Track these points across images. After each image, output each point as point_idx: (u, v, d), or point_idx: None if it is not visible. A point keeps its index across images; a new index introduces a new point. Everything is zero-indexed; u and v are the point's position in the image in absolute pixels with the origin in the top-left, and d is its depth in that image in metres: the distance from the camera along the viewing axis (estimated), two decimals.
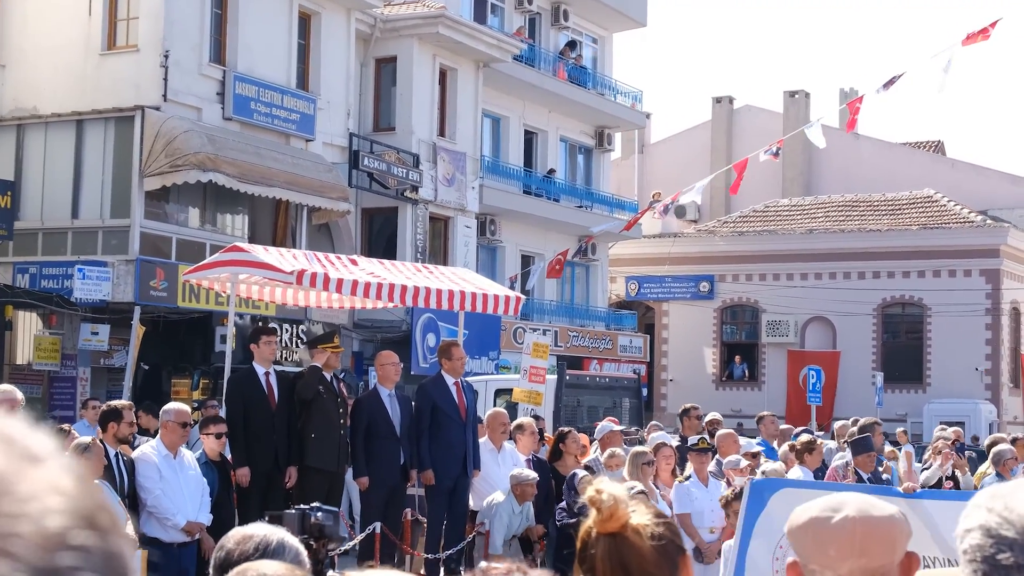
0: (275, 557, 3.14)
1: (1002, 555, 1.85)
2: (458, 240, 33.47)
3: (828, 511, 2.79)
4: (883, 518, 2.81)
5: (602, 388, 24.79)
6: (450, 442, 13.05)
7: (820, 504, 2.86)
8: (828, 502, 2.86)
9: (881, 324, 42.92)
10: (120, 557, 0.93)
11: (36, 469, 0.90)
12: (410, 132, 31.54)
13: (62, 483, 0.91)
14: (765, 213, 46.04)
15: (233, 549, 3.20)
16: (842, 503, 2.83)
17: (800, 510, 2.87)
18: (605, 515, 2.77)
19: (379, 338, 30.58)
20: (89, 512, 0.91)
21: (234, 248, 13.26)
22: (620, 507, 2.76)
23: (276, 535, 3.27)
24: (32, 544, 0.85)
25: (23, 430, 0.94)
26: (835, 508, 2.80)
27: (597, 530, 2.82)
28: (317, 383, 12.46)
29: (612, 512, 2.76)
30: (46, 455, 0.93)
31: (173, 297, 24.67)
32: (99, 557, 0.90)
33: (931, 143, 56.64)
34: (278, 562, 3.09)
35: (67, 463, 0.94)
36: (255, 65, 27.52)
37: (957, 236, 41.67)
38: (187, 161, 24.69)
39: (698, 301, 44.88)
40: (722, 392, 44.17)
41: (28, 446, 0.93)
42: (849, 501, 2.84)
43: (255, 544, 3.21)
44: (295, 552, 3.25)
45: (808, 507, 2.87)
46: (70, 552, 0.87)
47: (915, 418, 39.29)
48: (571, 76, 38.85)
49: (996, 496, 1.94)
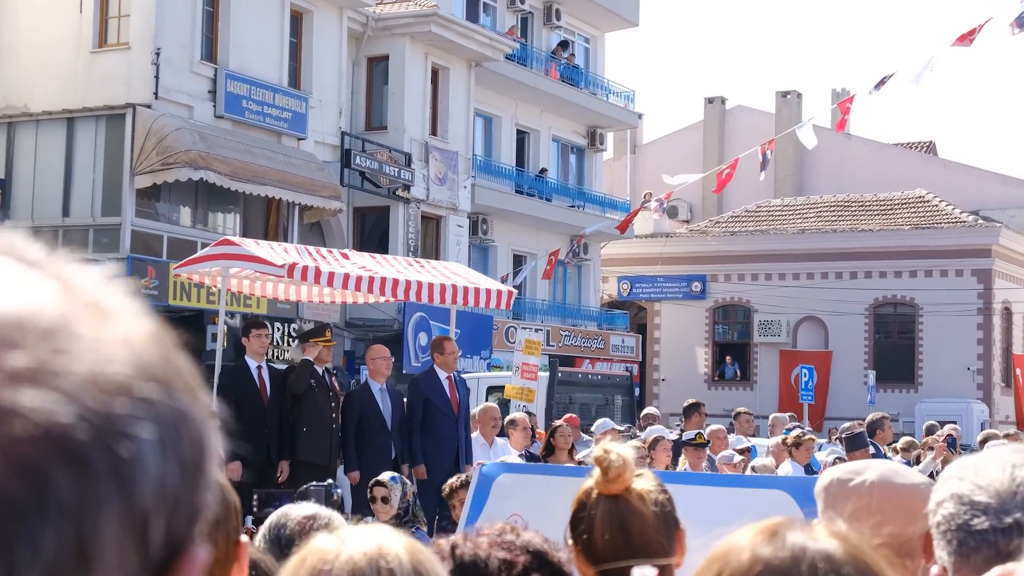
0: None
1: (976, 520, 1.84)
2: (450, 239, 33.43)
3: (851, 473, 2.81)
4: (906, 485, 2.79)
5: (594, 385, 24.78)
6: (442, 436, 13.02)
7: (846, 467, 2.87)
8: (854, 466, 2.87)
9: (873, 324, 42.94)
10: (193, 420, 0.84)
11: (104, 319, 0.82)
12: (402, 131, 31.50)
13: (133, 336, 0.83)
14: (757, 213, 46.05)
15: (296, 529, 3.30)
16: (867, 467, 2.84)
17: (826, 472, 2.87)
18: (612, 475, 2.73)
19: (371, 336, 30.49)
20: (161, 370, 0.83)
21: (225, 242, 13.21)
22: (627, 470, 2.72)
23: (329, 514, 3.40)
24: (85, 384, 0.77)
25: (95, 280, 0.86)
26: (858, 471, 2.82)
27: (599, 491, 2.78)
28: (309, 377, 12.42)
29: (620, 473, 2.72)
30: (121, 311, 0.85)
31: (164, 295, 24.60)
32: (166, 414, 0.81)
33: (923, 143, 56.72)
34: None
35: (146, 324, 0.85)
36: (247, 63, 27.48)
37: (949, 236, 41.70)
38: (178, 159, 24.63)
39: (690, 301, 44.88)
40: (714, 392, 44.13)
41: (98, 297, 0.84)
42: (873, 466, 2.85)
43: (317, 524, 3.33)
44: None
45: (833, 470, 2.87)
46: (131, 401, 0.79)
47: (907, 417, 39.27)
48: (563, 76, 38.84)
49: (966, 466, 1.94)
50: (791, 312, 43.05)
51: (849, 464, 2.89)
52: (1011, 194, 49.21)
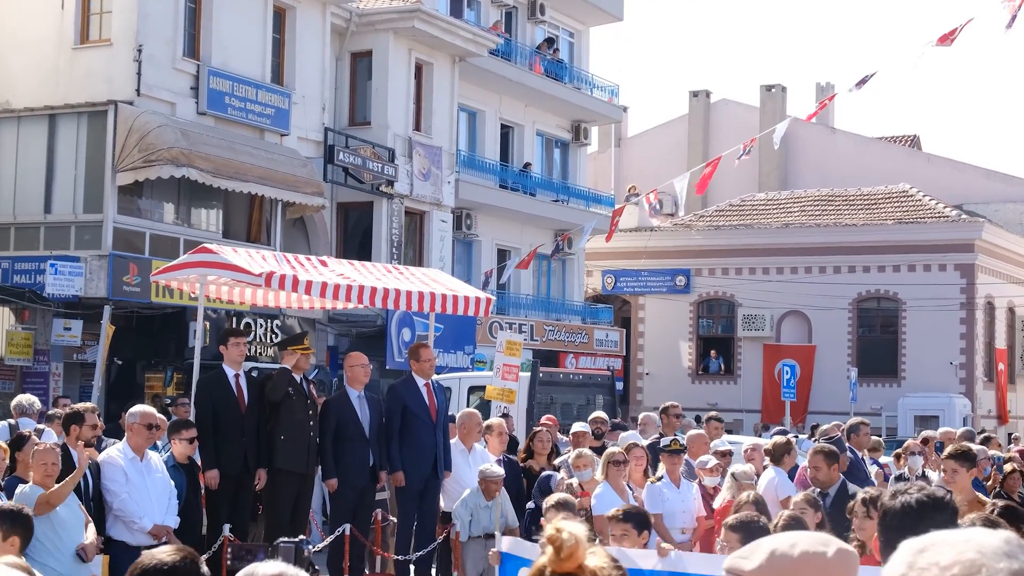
0: None
1: None
2: (434, 234, 33.43)
3: (821, 545, 2.80)
4: (853, 553, 2.87)
5: (575, 385, 24.79)
6: (420, 443, 13.04)
7: (804, 541, 2.86)
8: (817, 537, 2.88)
9: (856, 318, 43.03)
10: None
11: None
12: (385, 126, 31.47)
13: None
14: (741, 207, 46.10)
15: None
16: (827, 540, 2.88)
17: (785, 543, 2.85)
18: (565, 554, 2.74)
19: (354, 332, 30.55)
20: None
21: (203, 249, 13.19)
22: (580, 548, 2.73)
23: (295, 573, 3.36)
24: None
25: None
26: (824, 543, 2.81)
27: (552, 569, 2.79)
28: (286, 385, 12.42)
29: (571, 552, 2.72)
30: None
31: (146, 292, 24.58)
32: None
33: (907, 138, 56.81)
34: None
35: None
36: (229, 59, 27.42)
37: (932, 231, 41.79)
38: (161, 156, 24.58)
39: (674, 295, 44.94)
40: (698, 386, 44.25)
41: None
42: (831, 539, 2.88)
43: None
44: None
45: (794, 541, 2.85)
46: None
47: (890, 412, 39.44)
48: (547, 70, 38.83)
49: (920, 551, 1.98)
50: (775, 306, 43.13)
51: (790, 538, 2.90)
52: (995, 188, 49.34)
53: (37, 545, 9.68)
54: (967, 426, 37.75)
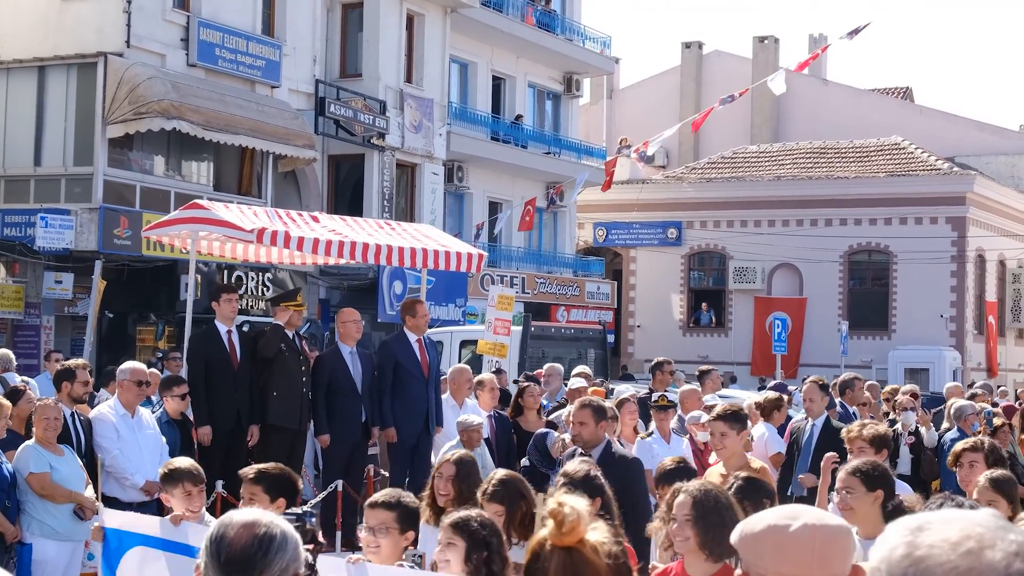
0: (279, 551, 3.02)
1: None
2: (425, 187, 33.34)
3: (786, 519, 2.77)
4: (839, 527, 2.80)
5: (567, 339, 24.82)
6: (412, 399, 13.06)
7: (776, 513, 2.84)
8: (783, 511, 2.84)
9: (847, 271, 43.08)
10: None
11: None
12: (377, 78, 31.31)
13: None
14: (733, 160, 46.03)
15: (235, 540, 3.05)
16: (798, 512, 2.81)
17: (755, 518, 2.84)
18: (566, 528, 2.75)
19: (346, 286, 30.53)
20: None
21: (194, 205, 13.15)
22: (582, 522, 2.75)
23: (270, 521, 3.11)
24: None
25: None
26: (792, 516, 2.78)
27: (552, 542, 2.80)
28: (279, 341, 12.43)
29: (573, 527, 2.74)
30: None
31: (137, 245, 24.52)
32: None
33: (900, 89, 56.69)
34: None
35: None
36: (220, 11, 27.24)
37: (924, 183, 41.76)
38: (151, 108, 24.45)
39: (666, 247, 44.94)
40: (689, 338, 44.33)
41: None
42: (803, 511, 2.82)
43: (261, 537, 3.05)
44: (295, 543, 3.11)
45: (763, 515, 2.84)
46: None
47: (880, 364, 39.56)
48: (539, 22, 38.63)
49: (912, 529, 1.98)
50: (766, 259, 43.15)
51: (773, 510, 2.89)
52: (987, 141, 49.30)
53: (37, 503, 9.72)
54: (956, 380, 38.00)
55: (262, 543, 2.99)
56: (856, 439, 8.48)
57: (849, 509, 6.27)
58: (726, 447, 8.77)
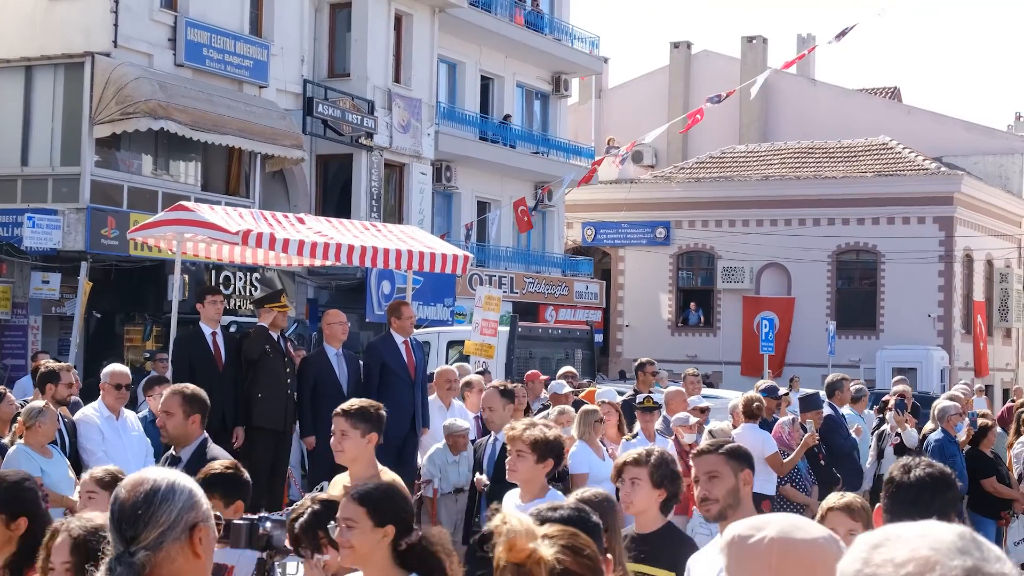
0: (164, 502, 3.17)
1: None
2: (413, 187, 33.34)
3: (751, 529, 2.73)
4: (805, 541, 2.72)
5: (555, 340, 24.81)
6: (399, 401, 13.03)
7: (747, 522, 2.82)
8: (755, 520, 2.81)
9: (835, 271, 43.14)
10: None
11: None
12: (365, 78, 31.30)
13: None
14: (721, 159, 46.07)
15: (125, 499, 3.21)
16: (767, 522, 2.77)
17: (732, 526, 2.83)
18: (506, 546, 2.77)
19: (334, 286, 30.51)
20: None
21: (179, 207, 13.15)
22: (519, 540, 2.76)
23: (167, 478, 3.28)
24: None
25: None
26: (758, 527, 2.73)
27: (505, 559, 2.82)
28: (264, 343, 12.42)
29: (512, 544, 2.76)
30: None
31: (124, 246, 24.47)
32: None
33: (887, 89, 56.76)
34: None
35: None
36: (207, 10, 27.21)
37: (912, 183, 41.83)
38: (138, 108, 24.42)
39: (654, 247, 44.97)
40: (677, 338, 44.37)
41: None
42: (775, 521, 2.77)
43: (146, 491, 3.19)
44: (187, 492, 3.26)
45: (738, 524, 2.83)
46: None
47: (868, 364, 39.63)
48: (528, 21, 38.64)
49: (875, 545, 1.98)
50: (754, 259, 43.21)
51: (749, 519, 2.88)
52: (975, 141, 49.36)
53: None
54: (943, 380, 38.03)
55: (147, 497, 3.14)
56: (516, 439, 6.97)
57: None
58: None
